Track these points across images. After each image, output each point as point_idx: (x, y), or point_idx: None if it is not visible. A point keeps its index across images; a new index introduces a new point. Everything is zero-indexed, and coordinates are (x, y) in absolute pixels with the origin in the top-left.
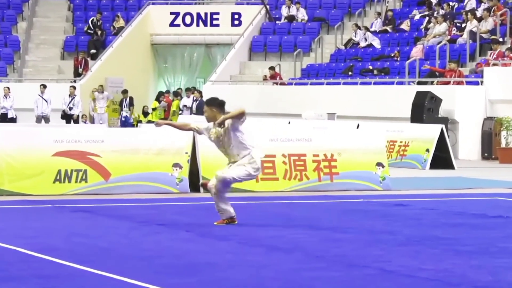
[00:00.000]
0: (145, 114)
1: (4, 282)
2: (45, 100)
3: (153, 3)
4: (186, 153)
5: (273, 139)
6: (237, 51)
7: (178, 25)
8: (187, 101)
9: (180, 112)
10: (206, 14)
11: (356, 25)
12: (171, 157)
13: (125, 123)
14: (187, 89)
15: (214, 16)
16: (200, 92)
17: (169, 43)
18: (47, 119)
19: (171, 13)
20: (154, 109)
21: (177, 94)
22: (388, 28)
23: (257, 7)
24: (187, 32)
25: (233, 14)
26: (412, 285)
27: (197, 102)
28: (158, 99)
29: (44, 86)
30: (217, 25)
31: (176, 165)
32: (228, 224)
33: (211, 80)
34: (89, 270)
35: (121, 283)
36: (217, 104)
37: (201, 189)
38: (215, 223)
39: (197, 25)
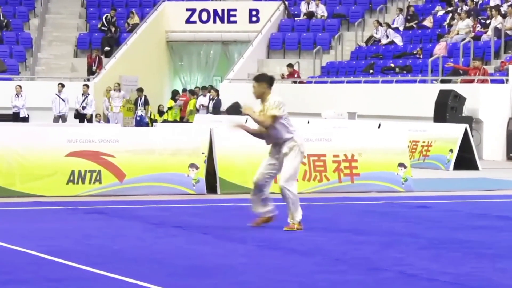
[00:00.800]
0: (161, 113)
1: (14, 285)
2: (62, 99)
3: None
4: (203, 153)
5: None
6: (255, 49)
7: (194, 22)
8: (203, 100)
9: (197, 111)
10: (223, 10)
11: (378, 21)
12: (187, 158)
13: (140, 122)
14: (203, 88)
15: (231, 13)
16: (217, 91)
17: (185, 40)
18: (64, 119)
19: (187, 10)
20: (169, 108)
21: (193, 92)
22: (412, 25)
23: (276, 3)
24: (203, 29)
25: (250, 10)
26: None
27: (214, 101)
28: (173, 98)
29: (62, 85)
30: (234, 21)
31: (192, 165)
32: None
33: (228, 78)
34: (102, 273)
35: (134, 286)
36: (268, 80)
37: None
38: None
39: (214, 21)
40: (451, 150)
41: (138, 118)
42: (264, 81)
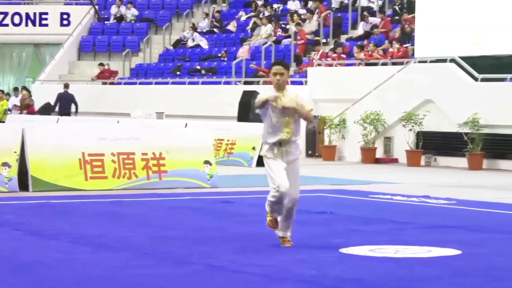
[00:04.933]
0: None
1: None
2: None
3: None
4: (15, 152)
5: (102, 138)
6: (66, 51)
7: (7, 25)
8: (16, 100)
9: (9, 111)
10: (35, 14)
11: (193, 24)
12: None
13: None
14: (15, 89)
15: (43, 16)
16: (29, 91)
17: None
18: None
19: (0, 13)
20: None
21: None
22: (215, 29)
23: (86, 7)
24: (15, 31)
25: (62, 14)
26: (238, 280)
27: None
28: None
29: None
30: (46, 25)
31: (4, 164)
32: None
33: (40, 79)
34: None
35: None
36: (288, 67)
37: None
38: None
39: (26, 25)
40: (253, 148)
41: None
42: (288, 68)
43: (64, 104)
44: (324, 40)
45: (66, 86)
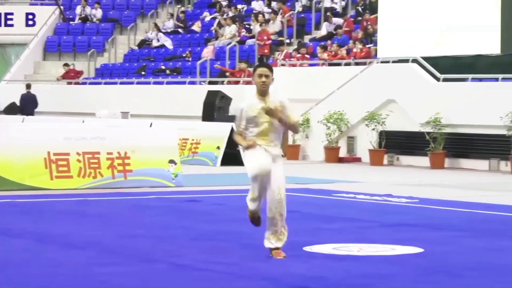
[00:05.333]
0: None
1: None
2: None
3: None
4: None
5: (67, 138)
6: (31, 51)
7: None
8: None
9: None
10: (0, 14)
11: (155, 24)
12: None
13: None
14: None
15: (8, 16)
16: None
17: None
18: None
19: None
20: None
21: None
22: (180, 29)
23: (51, 7)
24: None
25: (27, 14)
26: (203, 278)
27: None
28: None
29: None
30: (11, 25)
31: None
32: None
33: (5, 79)
34: None
35: None
36: (272, 69)
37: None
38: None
39: None
40: (218, 147)
41: None
42: (272, 70)
43: (28, 105)
44: (287, 41)
45: (28, 86)
